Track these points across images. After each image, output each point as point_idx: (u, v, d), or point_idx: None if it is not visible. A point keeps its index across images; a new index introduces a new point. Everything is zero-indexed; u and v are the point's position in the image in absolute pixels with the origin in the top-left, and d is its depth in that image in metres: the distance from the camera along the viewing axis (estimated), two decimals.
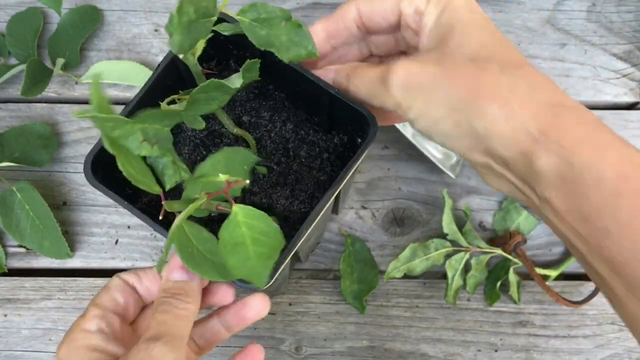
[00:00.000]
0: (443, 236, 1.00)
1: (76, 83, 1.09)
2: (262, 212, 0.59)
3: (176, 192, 0.77)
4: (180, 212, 0.62)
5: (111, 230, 1.04)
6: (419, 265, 1.00)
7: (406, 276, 1.00)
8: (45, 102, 1.09)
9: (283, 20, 0.59)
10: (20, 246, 1.02)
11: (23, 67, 1.02)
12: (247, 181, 0.58)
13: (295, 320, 1.02)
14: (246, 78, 0.61)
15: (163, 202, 0.61)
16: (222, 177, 0.57)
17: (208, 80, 0.58)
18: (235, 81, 0.59)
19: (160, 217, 0.63)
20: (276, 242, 0.61)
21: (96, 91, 0.51)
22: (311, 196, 0.80)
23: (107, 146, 0.51)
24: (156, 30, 1.11)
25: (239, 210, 0.58)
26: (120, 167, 0.53)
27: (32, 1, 1.12)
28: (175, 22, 0.52)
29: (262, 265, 0.61)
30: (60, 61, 1.05)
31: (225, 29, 0.62)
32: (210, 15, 0.55)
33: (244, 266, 0.60)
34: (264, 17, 0.59)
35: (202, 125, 0.65)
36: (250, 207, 0.58)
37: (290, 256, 0.69)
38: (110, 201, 1.01)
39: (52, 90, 1.09)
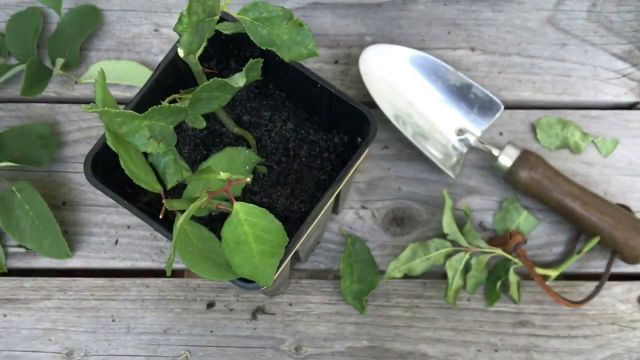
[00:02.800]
0: (443, 236, 1.00)
1: (76, 83, 1.09)
2: (264, 209, 0.59)
3: (176, 192, 0.77)
4: (180, 211, 0.62)
5: (111, 230, 1.04)
6: (419, 265, 1.00)
7: (406, 276, 1.00)
8: (45, 102, 1.08)
9: (284, 19, 0.59)
10: (20, 246, 1.02)
11: (23, 67, 1.02)
12: (248, 178, 0.58)
13: (295, 320, 1.02)
14: (249, 77, 0.61)
15: (164, 201, 0.61)
16: (223, 175, 0.57)
17: (211, 80, 0.58)
18: (238, 80, 0.59)
19: (161, 216, 0.63)
20: (279, 239, 0.61)
21: (101, 87, 0.51)
22: (311, 196, 0.80)
23: (111, 144, 0.51)
24: (156, 30, 1.11)
25: (240, 208, 0.58)
26: (123, 166, 0.53)
27: (32, 1, 1.12)
28: (186, 21, 0.52)
29: (266, 264, 0.60)
30: (60, 61, 1.05)
31: (226, 28, 0.62)
32: (214, 14, 0.55)
33: (247, 265, 0.60)
34: (266, 16, 0.59)
35: (203, 124, 0.65)
36: (251, 205, 0.58)
37: (290, 256, 0.69)
38: (110, 201, 1.02)
39: (51, 90, 1.09)
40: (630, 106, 1.10)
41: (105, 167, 0.69)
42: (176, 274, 1.11)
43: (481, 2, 1.12)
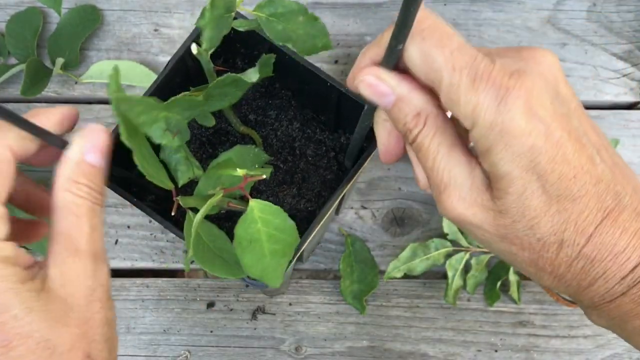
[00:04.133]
0: (443, 236, 1.00)
1: (76, 83, 1.09)
2: (278, 207, 0.59)
3: (183, 189, 0.77)
4: (190, 209, 0.61)
5: (111, 230, 1.04)
6: (419, 265, 1.00)
7: (406, 276, 1.00)
8: (45, 102, 1.08)
9: (300, 14, 0.59)
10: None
11: (23, 66, 1.02)
12: (264, 175, 0.58)
13: (295, 320, 1.02)
14: (262, 72, 0.61)
15: (176, 198, 0.61)
16: (240, 172, 0.57)
17: (225, 75, 0.58)
18: (252, 75, 0.59)
19: (173, 213, 0.62)
20: (291, 239, 0.60)
21: (115, 80, 0.50)
22: (318, 195, 0.80)
23: (125, 139, 0.51)
24: (156, 30, 1.11)
25: (255, 205, 0.58)
26: (136, 162, 0.53)
27: (32, 1, 1.11)
28: (208, 16, 0.52)
29: (277, 263, 0.60)
30: (60, 61, 1.05)
31: (241, 25, 0.62)
32: (232, 10, 0.55)
33: (258, 264, 0.60)
34: (281, 11, 0.59)
35: (212, 122, 0.65)
36: (266, 202, 0.58)
37: (298, 255, 0.69)
38: (111, 201, 1.01)
39: (51, 90, 1.08)
40: (630, 106, 1.11)
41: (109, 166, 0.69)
42: (176, 274, 1.11)
43: (481, 2, 1.12)
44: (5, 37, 1.07)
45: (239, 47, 0.79)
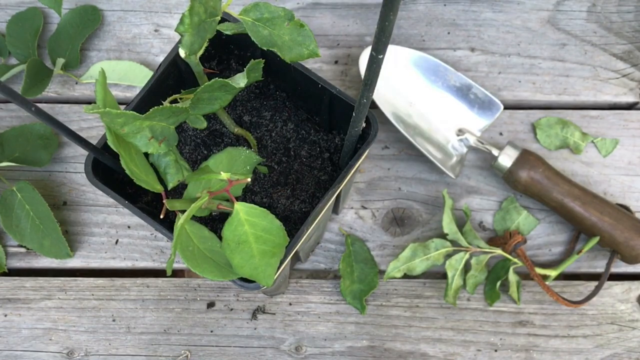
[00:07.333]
0: (443, 236, 1.00)
1: (76, 83, 1.09)
2: (264, 209, 0.59)
3: (177, 192, 0.77)
4: (181, 211, 0.62)
5: (111, 230, 1.04)
6: (419, 265, 1.00)
7: (406, 276, 1.00)
8: (46, 102, 1.08)
9: (286, 20, 0.59)
10: (21, 246, 1.02)
11: (23, 67, 1.02)
12: (249, 179, 0.58)
13: (295, 320, 1.02)
14: (251, 78, 0.61)
15: (164, 201, 0.61)
16: (224, 175, 0.57)
17: (212, 80, 0.58)
18: (240, 80, 0.59)
19: (162, 216, 0.62)
20: (279, 239, 0.60)
21: (102, 87, 0.50)
22: (312, 196, 0.80)
23: (112, 144, 0.51)
24: (156, 31, 1.11)
25: (241, 208, 0.58)
26: (124, 166, 0.53)
27: (32, 1, 1.12)
28: (187, 22, 0.52)
29: (267, 264, 0.60)
30: (61, 61, 1.05)
31: (228, 29, 0.62)
32: (216, 15, 0.55)
33: (248, 265, 0.60)
34: (267, 17, 0.59)
35: (204, 124, 0.65)
36: (251, 205, 0.58)
37: (291, 256, 0.69)
38: (111, 201, 1.02)
39: (52, 90, 1.09)
40: (630, 106, 1.10)
41: (106, 167, 0.69)
42: (176, 274, 1.11)
43: (481, 2, 1.12)
44: (6, 37, 1.08)
45: (232, 48, 0.79)
